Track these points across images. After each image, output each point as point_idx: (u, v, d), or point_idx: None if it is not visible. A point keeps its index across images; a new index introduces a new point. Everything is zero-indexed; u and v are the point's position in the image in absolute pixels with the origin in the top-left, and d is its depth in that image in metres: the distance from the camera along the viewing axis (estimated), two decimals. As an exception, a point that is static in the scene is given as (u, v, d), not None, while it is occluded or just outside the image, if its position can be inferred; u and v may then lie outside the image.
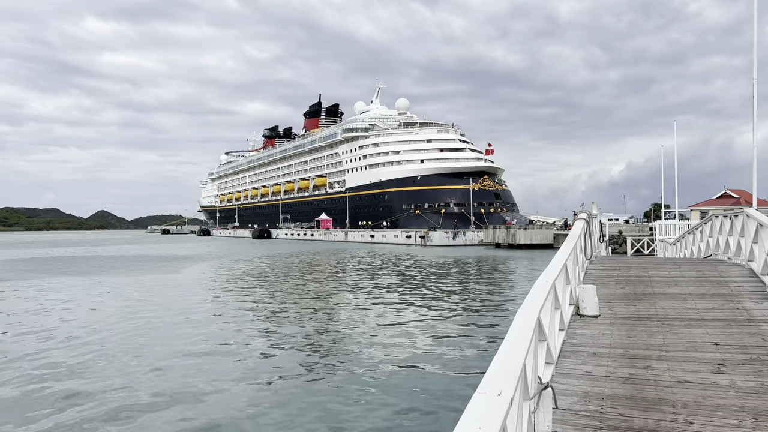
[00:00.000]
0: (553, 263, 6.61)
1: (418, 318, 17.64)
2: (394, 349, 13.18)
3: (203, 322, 17.42)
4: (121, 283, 29.68)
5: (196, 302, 21.98)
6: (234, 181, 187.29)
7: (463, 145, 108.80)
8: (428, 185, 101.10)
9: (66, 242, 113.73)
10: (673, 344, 6.63)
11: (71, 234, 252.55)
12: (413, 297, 22.88)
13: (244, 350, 13.56)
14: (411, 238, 75.39)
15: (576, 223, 9.67)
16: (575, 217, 10.90)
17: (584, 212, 11.02)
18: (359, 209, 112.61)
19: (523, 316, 4.27)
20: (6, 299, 23.71)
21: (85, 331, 16.07)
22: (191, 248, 76.88)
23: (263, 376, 11.17)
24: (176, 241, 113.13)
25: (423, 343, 13.96)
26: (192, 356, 12.92)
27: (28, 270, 39.90)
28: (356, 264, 42.59)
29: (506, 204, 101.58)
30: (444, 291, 24.77)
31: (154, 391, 10.18)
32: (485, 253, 56.24)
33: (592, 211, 14.87)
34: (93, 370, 11.82)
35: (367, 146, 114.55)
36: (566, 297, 7.25)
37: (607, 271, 11.03)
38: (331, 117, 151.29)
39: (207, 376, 11.18)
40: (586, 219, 10.14)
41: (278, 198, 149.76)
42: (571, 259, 7.97)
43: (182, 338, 15.03)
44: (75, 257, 56.69)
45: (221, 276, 34.13)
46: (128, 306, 20.99)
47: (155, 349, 13.63)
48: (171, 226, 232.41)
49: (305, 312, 19.29)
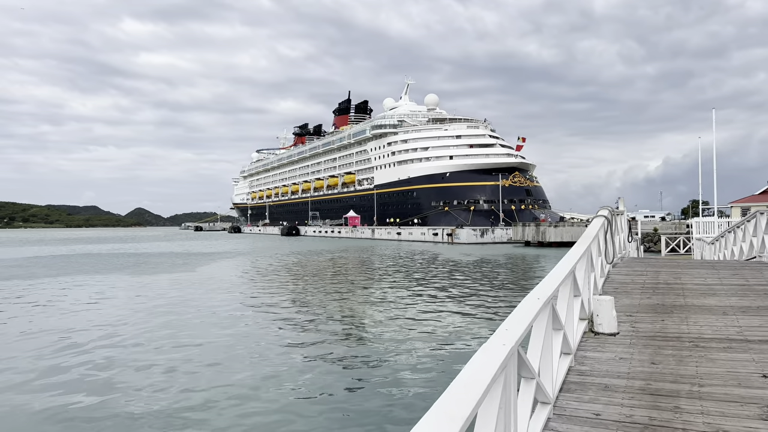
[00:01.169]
0: (554, 274, 5.30)
1: (449, 322, 16.39)
2: (418, 351, 12.73)
3: (227, 321, 16.75)
4: (136, 283, 29.15)
5: (217, 301, 21.16)
6: (265, 179, 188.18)
7: (493, 141, 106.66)
8: (457, 182, 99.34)
9: (99, 239, 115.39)
10: (709, 375, 5.26)
11: (108, 231, 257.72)
12: (440, 299, 21.63)
13: (268, 351, 13.32)
14: (438, 236, 73.93)
15: (593, 222, 8.32)
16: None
17: (605, 208, 9.71)
18: (387, 206, 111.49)
19: (486, 353, 3.02)
20: (29, 299, 23.29)
21: (117, 329, 16.08)
22: (219, 246, 76.86)
23: (294, 376, 11.12)
24: (206, 239, 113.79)
25: (452, 346, 13.06)
26: (218, 354, 13.04)
27: (50, 268, 39.90)
28: (378, 263, 41.46)
29: (538, 201, 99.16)
30: (468, 293, 23.43)
31: (187, 390, 10.20)
32: (514, 251, 54.51)
33: (618, 207, 13.37)
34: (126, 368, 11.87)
35: (396, 143, 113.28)
36: (573, 313, 5.95)
37: (632, 277, 9.66)
38: (360, 114, 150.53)
39: (235, 374, 11.22)
40: (607, 216, 8.79)
41: (308, 195, 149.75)
42: (583, 265, 6.65)
43: (207, 336, 14.89)
44: (101, 255, 56.92)
45: (240, 274, 33.38)
46: (151, 306, 20.28)
47: (180, 351, 13.40)
48: (204, 224, 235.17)
49: (327, 312, 18.23)
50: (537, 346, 4.35)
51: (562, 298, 5.52)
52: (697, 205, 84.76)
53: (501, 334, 3.33)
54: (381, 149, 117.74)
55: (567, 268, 5.54)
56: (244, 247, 70.16)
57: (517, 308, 4.05)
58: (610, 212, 9.82)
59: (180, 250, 63.98)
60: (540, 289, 4.62)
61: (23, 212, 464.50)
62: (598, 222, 8.29)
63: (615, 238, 10.97)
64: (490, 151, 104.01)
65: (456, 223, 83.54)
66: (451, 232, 71.51)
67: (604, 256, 8.74)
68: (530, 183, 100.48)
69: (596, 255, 7.83)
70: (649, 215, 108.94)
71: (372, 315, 18.19)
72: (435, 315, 17.85)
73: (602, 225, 8.44)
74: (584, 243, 6.84)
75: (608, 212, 9.41)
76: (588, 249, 6.83)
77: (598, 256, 8.23)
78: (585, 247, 6.65)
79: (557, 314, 4.93)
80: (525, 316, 3.84)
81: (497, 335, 3.31)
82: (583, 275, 6.63)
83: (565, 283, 5.49)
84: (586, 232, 7.44)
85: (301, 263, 41.40)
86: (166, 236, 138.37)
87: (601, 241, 8.44)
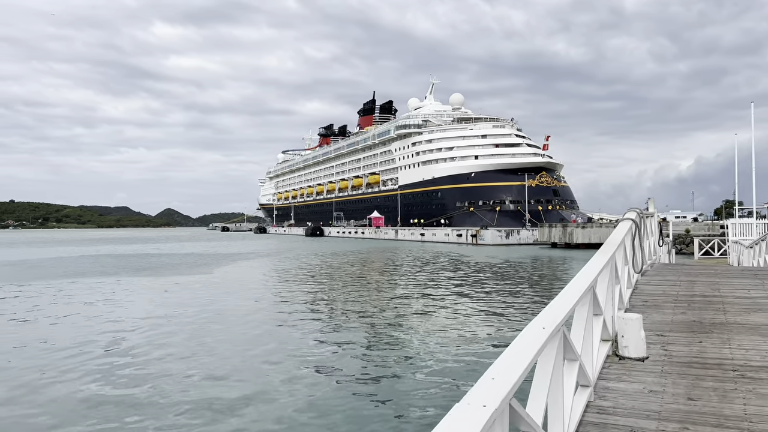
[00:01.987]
0: (568, 292, 4.37)
1: (468, 330, 15.47)
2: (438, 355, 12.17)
3: (248, 325, 16.07)
4: (150, 285, 28.77)
5: (235, 304, 20.55)
6: (290, 180, 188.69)
7: (519, 140, 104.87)
8: (483, 182, 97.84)
9: (124, 240, 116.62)
10: (760, 417, 4.29)
11: (136, 231, 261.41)
12: (460, 305, 20.69)
13: (289, 355, 13.00)
14: (462, 237, 72.69)
15: (619, 226, 7.33)
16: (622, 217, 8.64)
17: (633, 210, 8.69)
18: (412, 207, 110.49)
19: (457, 421, 2.14)
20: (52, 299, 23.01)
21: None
22: (241, 246, 76.79)
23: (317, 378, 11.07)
24: (231, 239, 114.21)
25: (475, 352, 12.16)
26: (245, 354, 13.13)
27: (76, 270, 39.92)
28: (397, 266, 40.57)
29: (565, 201, 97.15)
30: (490, 298, 22.42)
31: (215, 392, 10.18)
32: (540, 253, 53.11)
33: (648, 208, 12.27)
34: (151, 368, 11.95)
35: (420, 143, 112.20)
36: (593, 336, 5.01)
37: (663, 288, 8.63)
38: (384, 114, 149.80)
39: (265, 375, 11.25)
40: (635, 220, 7.79)
41: (332, 196, 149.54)
42: (605, 278, 5.71)
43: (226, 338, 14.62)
44: (123, 255, 57.10)
45: (258, 278, 32.82)
46: (169, 308, 19.76)
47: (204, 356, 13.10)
48: (230, 224, 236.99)
49: (346, 318, 17.45)
50: (542, 386, 3.45)
51: (579, 320, 4.60)
52: (731, 206, 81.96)
53: (484, 389, 2.44)
54: (405, 149, 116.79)
55: (585, 283, 4.62)
56: (266, 248, 69.93)
57: (514, 342, 3.16)
58: (639, 215, 8.80)
59: (201, 251, 63.98)
60: (548, 314, 3.70)
61: (57, 212, 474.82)
62: (624, 226, 7.31)
63: (644, 244, 9.95)
64: (517, 150, 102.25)
65: (481, 224, 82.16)
66: (475, 233, 70.22)
67: (631, 264, 7.76)
68: (557, 183, 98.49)
69: (622, 264, 6.86)
70: (681, 216, 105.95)
71: (392, 320, 17.34)
72: (455, 321, 16.92)
73: (629, 230, 7.47)
74: (608, 251, 5.89)
75: (636, 215, 8.40)
76: (612, 258, 5.88)
77: (625, 266, 7.26)
78: (608, 256, 5.70)
79: (570, 343, 4.01)
80: (522, 355, 2.94)
81: (477, 392, 2.41)
82: (605, 290, 5.68)
83: (582, 301, 4.57)
84: (611, 239, 6.48)
85: (316, 267, 40.72)
86: (193, 237, 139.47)
87: (628, 248, 7.46)
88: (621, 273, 6.65)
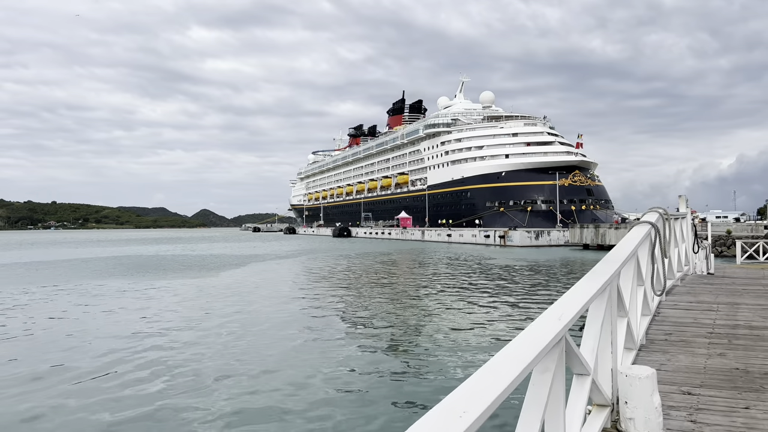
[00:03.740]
0: (507, 360, 2.49)
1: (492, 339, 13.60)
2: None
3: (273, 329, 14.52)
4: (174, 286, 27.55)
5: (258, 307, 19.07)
6: (320, 180, 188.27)
7: (551, 139, 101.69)
8: (513, 181, 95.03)
9: (158, 240, 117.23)
10: None
11: (171, 232, 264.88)
12: (477, 313, 18.76)
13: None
14: (489, 238, 70.22)
15: (631, 232, 5.34)
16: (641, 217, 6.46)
17: (655, 210, 6.78)
18: (440, 207, 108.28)
19: None
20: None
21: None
22: (267, 248, 75.83)
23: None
24: (260, 240, 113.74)
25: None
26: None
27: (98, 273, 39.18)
28: (417, 269, 38.67)
29: (599, 201, 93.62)
30: (504, 308, 20.41)
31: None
32: (571, 255, 50.53)
33: (679, 208, 10.12)
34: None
35: (449, 142, 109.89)
36: (576, 405, 3.16)
37: (694, 314, 6.54)
38: (414, 114, 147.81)
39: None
40: (655, 224, 5.71)
41: (362, 196, 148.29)
42: (597, 315, 3.82)
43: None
44: (157, 256, 56.54)
45: (273, 284, 31.37)
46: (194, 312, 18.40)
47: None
48: (261, 225, 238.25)
49: (366, 327, 15.75)
50: None
51: (540, 387, 2.75)
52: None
53: None
54: (434, 149, 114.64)
55: (546, 338, 2.73)
56: (292, 249, 68.77)
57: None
58: (662, 216, 6.75)
59: (220, 252, 63.13)
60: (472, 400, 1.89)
61: (96, 214, 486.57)
62: (638, 233, 5.32)
63: (671, 253, 7.91)
64: (549, 149, 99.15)
65: (512, 225, 79.54)
66: (503, 234, 67.70)
67: (649, 285, 5.79)
68: (591, 182, 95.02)
69: (631, 287, 4.89)
70: (722, 215, 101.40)
71: (410, 326, 15.53)
72: (468, 330, 15.02)
73: (646, 238, 5.51)
74: (603, 273, 3.97)
75: (658, 217, 6.41)
76: (609, 284, 3.96)
77: (638, 287, 5.31)
78: (602, 281, 3.78)
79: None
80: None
81: None
82: (597, 333, 3.79)
83: (547, 359, 2.74)
84: (614, 253, 4.54)
85: (330, 271, 39.10)
86: (224, 237, 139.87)
87: (644, 263, 5.50)
88: (630, 300, 4.71)
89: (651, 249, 5.68)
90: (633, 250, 4.64)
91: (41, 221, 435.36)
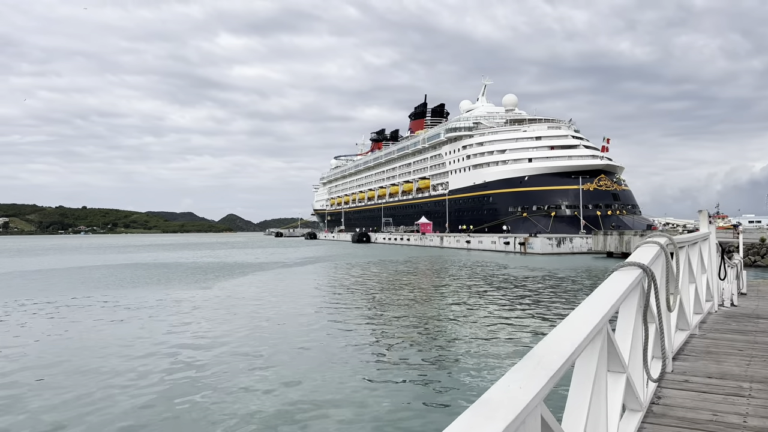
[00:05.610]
0: None
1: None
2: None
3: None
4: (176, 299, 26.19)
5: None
6: (342, 185, 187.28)
7: (576, 142, 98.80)
8: (537, 186, 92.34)
9: (179, 245, 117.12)
10: None
11: (196, 236, 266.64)
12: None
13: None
14: (510, 245, 67.76)
15: (609, 283, 3.42)
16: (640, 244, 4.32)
17: (656, 240, 4.63)
18: (462, 212, 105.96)
19: None
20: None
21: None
22: (282, 254, 74.59)
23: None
24: (281, 246, 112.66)
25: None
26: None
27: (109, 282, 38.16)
28: (423, 280, 36.77)
29: (626, 206, 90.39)
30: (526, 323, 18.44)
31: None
32: (593, 264, 47.98)
33: (700, 226, 8.01)
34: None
35: (471, 146, 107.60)
36: None
37: (712, 404, 4.21)
38: (436, 117, 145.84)
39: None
40: (646, 268, 3.91)
41: (383, 201, 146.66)
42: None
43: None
44: (163, 264, 55.65)
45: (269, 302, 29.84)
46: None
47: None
48: (284, 230, 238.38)
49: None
50: None
51: None
52: (816, 211, 73.66)
53: None
54: (456, 153, 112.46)
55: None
56: (306, 256, 67.38)
57: None
58: (665, 249, 4.52)
59: (239, 260, 61.96)
60: None
61: (125, 218, 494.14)
62: (616, 286, 3.37)
63: (686, 294, 5.82)
64: (573, 152, 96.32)
65: (535, 230, 76.90)
66: (523, 241, 65.22)
67: (643, 366, 3.76)
68: (618, 186, 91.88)
69: (593, 383, 2.95)
70: (755, 220, 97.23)
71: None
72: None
73: (631, 290, 3.56)
74: (527, 392, 2.07)
75: (657, 252, 4.39)
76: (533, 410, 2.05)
77: (613, 375, 3.37)
78: (512, 415, 1.89)
79: None
80: None
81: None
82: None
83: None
84: (561, 336, 2.64)
85: (339, 284, 37.42)
86: (247, 243, 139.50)
87: (626, 331, 3.58)
88: (592, 412, 2.84)
89: (644, 305, 3.78)
90: (598, 324, 2.78)
91: (72, 226, 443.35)
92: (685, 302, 5.65)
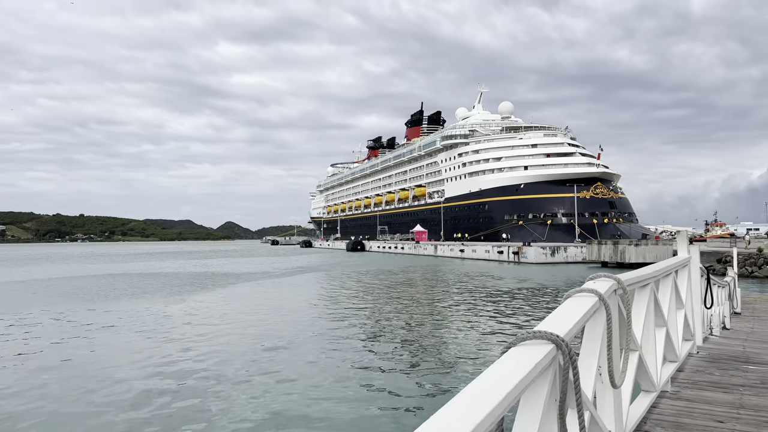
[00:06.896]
0: None
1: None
2: None
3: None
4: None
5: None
6: (339, 193, 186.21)
7: (572, 150, 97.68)
8: (533, 194, 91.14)
9: (173, 254, 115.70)
10: None
11: (192, 244, 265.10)
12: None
13: None
14: (503, 254, 66.43)
15: (505, 361, 2.17)
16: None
17: (605, 278, 3.39)
18: (458, 220, 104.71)
19: None
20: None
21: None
22: (272, 263, 73.27)
23: None
24: (273, 254, 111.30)
25: None
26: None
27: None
28: (406, 294, 35.47)
29: (623, 214, 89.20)
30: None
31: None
32: (587, 274, 46.51)
33: (678, 250, 6.65)
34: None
35: (467, 153, 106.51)
36: None
37: None
38: (433, 125, 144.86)
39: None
40: (564, 348, 2.10)
41: (379, 209, 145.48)
42: None
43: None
44: (138, 274, 54.30)
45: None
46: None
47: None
48: (280, 237, 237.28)
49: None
50: None
51: None
52: (816, 219, 72.45)
53: None
54: (451, 160, 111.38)
55: None
56: (295, 265, 66.10)
57: None
58: (604, 302, 3.07)
59: (225, 270, 60.63)
60: None
61: (123, 226, 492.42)
62: (510, 376, 2.02)
63: (649, 341, 4.40)
64: (570, 160, 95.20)
65: (531, 238, 75.62)
66: (517, 250, 63.90)
67: None
68: (614, 194, 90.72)
69: None
70: (753, 228, 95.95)
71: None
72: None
73: (539, 377, 2.21)
74: None
75: (595, 303, 3.05)
76: None
77: None
78: None
79: None
80: None
81: None
82: None
83: None
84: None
85: (319, 297, 36.10)
86: (241, 251, 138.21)
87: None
88: None
89: (559, 398, 2.30)
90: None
91: (69, 234, 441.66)
92: (649, 356, 4.32)
